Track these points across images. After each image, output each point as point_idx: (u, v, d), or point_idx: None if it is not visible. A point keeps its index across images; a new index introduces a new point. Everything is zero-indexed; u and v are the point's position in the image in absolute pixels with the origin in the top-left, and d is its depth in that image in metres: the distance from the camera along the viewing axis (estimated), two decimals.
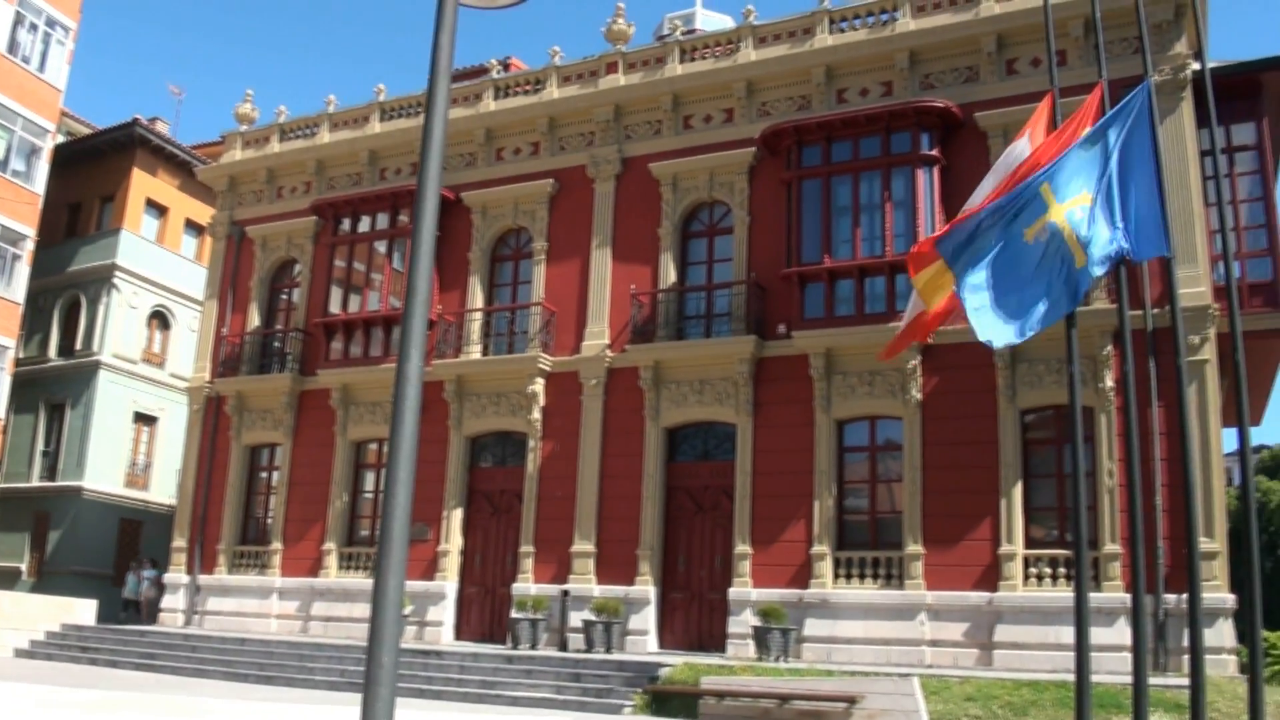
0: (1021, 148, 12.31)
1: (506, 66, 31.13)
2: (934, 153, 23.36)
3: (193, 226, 41.18)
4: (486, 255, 28.16)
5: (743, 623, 22.82)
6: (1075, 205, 10.47)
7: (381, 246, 29.21)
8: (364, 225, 29.49)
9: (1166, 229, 10.64)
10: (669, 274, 25.75)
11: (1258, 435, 54.93)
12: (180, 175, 40.18)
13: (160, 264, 39.82)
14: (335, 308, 29.24)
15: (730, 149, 25.64)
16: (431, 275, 6.21)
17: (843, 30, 25.42)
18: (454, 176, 28.61)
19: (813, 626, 22.41)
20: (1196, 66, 21.49)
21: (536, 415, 26.03)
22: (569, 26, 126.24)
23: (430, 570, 26.41)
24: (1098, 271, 10.46)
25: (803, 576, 22.95)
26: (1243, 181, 22.72)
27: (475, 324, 27.44)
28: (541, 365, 25.93)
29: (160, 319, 39.99)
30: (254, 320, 31.19)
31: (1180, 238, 20.45)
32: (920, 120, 23.42)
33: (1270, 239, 22.28)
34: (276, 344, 30.73)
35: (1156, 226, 10.60)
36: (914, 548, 22.16)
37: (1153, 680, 15.57)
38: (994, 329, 10.22)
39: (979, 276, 10.25)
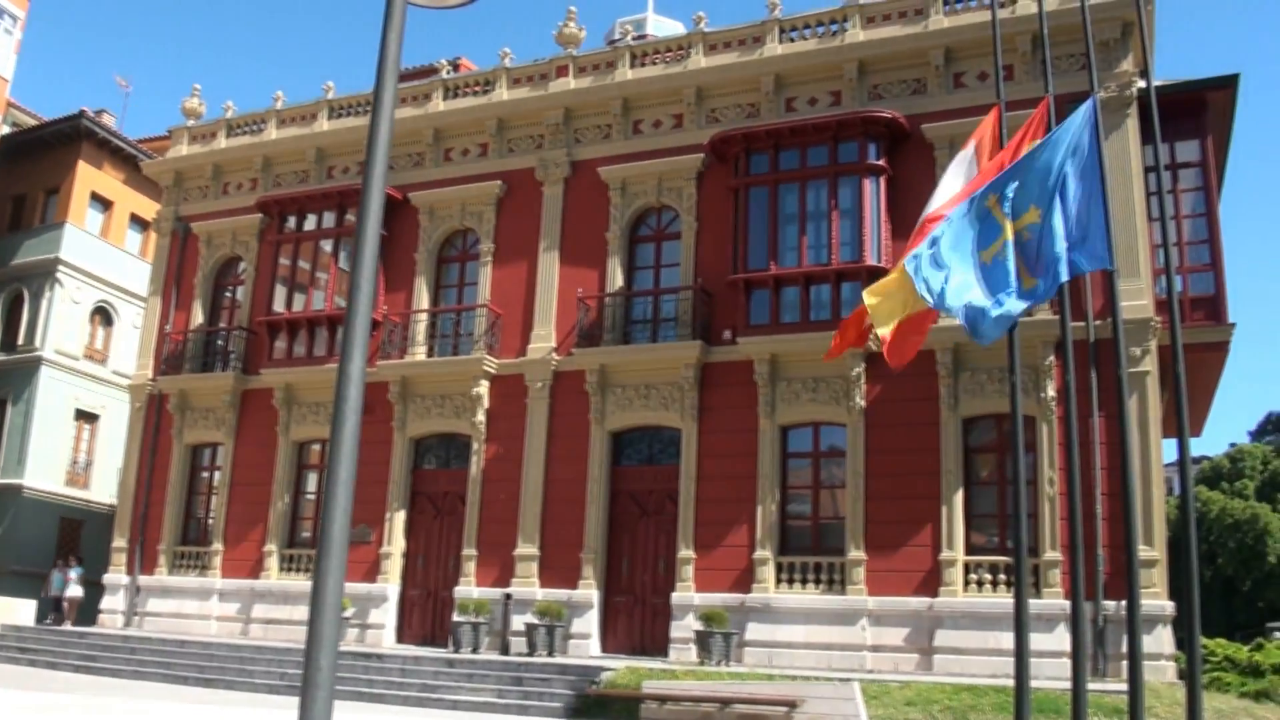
0: (968, 160, 12.50)
1: (456, 67, 31.07)
2: (881, 163, 23.60)
3: (138, 221, 40.64)
4: (433, 256, 28.08)
5: (685, 627, 22.90)
6: (1025, 225, 10.65)
7: (327, 245, 28.99)
8: (310, 223, 29.26)
9: (1110, 243, 10.84)
10: (616, 278, 25.80)
11: (1198, 446, 55.59)
12: (126, 169, 39.61)
13: (104, 259, 39.25)
14: (280, 306, 28.94)
15: (679, 155, 25.73)
16: (376, 275, 6.21)
17: (793, 40, 25.62)
18: (401, 176, 28.50)
19: (755, 631, 22.54)
20: (1142, 84, 21.88)
21: (481, 417, 25.98)
22: (520, 29, 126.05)
23: (372, 572, 26.28)
24: (1048, 292, 10.68)
25: (745, 581, 23.07)
26: (1186, 198, 23.18)
27: (421, 325, 27.32)
28: (487, 367, 25.87)
29: (103, 315, 39.44)
30: (198, 318, 30.86)
31: (1123, 252, 20.82)
32: (868, 130, 23.64)
33: (1212, 254, 22.74)
34: (220, 342, 30.40)
35: (1100, 240, 10.80)
36: (856, 553, 22.35)
37: (1092, 686, 15.82)
38: (980, 331, 10.48)
39: (956, 294, 10.46)
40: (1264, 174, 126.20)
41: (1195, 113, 23.11)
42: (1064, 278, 10.57)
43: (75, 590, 30.38)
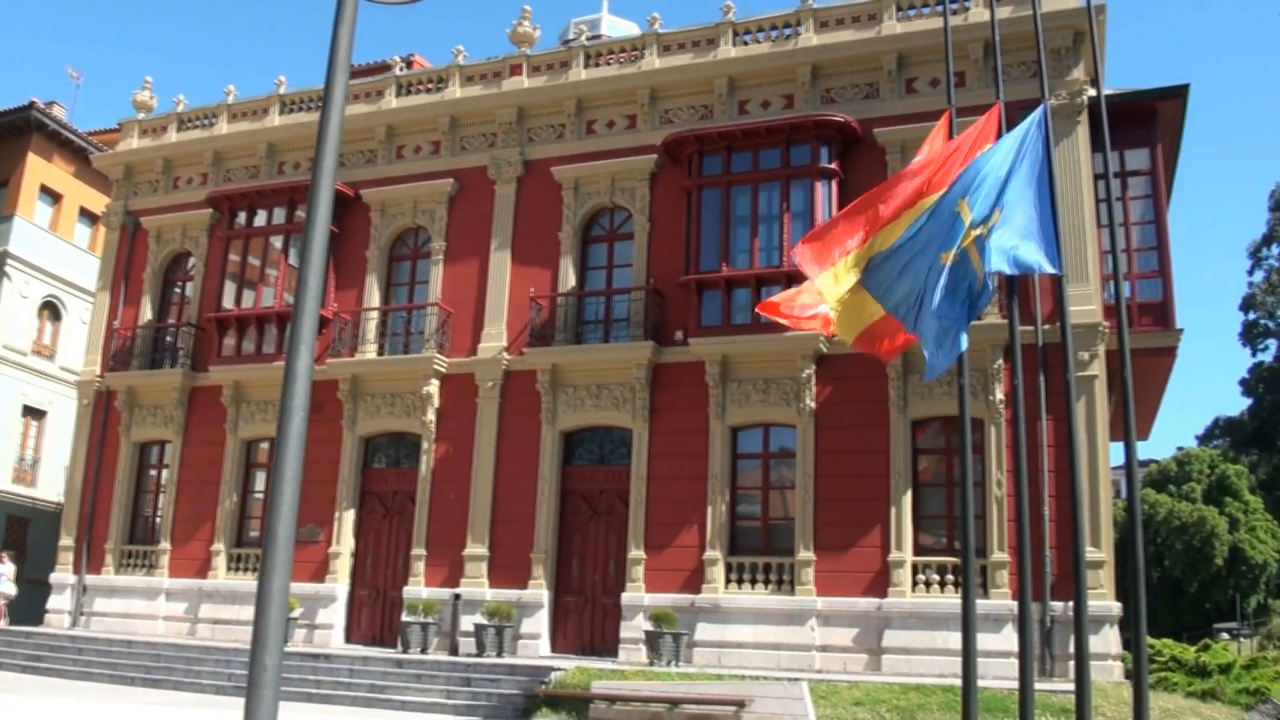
0: (916, 168, 12.57)
1: (409, 64, 30.86)
2: (832, 166, 23.71)
3: (87, 215, 40.09)
4: (384, 254, 27.92)
5: (635, 627, 22.91)
6: (984, 229, 10.76)
7: (278, 241, 28.73)
8: (260, 219, 29.00)
9: (1058, 248, 10.95)
10: (568, 278, 25.76)
11: (1145, 450, 56.32)
12: (76, 162, 39.04)
13: (53, 253, 38.63)
14: (229, 303, 28.63)
15: (632, 155, 25.73)
16: (324, 271, 6.16)
17: (746, 42, 25.71)
18: (353, 173, 28.34)
19: (704, 631, 22.58)
20: (1093, 92, 22.10)
21: (431, 417, 25.87)
22: (474, 27, 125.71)
23: (321, 572, 26.10)
24: (995, 271, 10.81)
25: (695, 581, 23.11)
26: (1136, 205, 23.40)
27: (371, 323, 27.15)
28: (437, 366, 25.76)
29: (51, 309, 38.87)
30: (146, 314, 30.50)
31: (1072, 257, 21.04)
32: (820, 134, 23.73)
33: (1161, 261, 22.97)
34: (169, 338, 30.09)
35: (1049, 245, 10.91)
36: (805, 554, 22.44)
37: (1039, 685, 15.94)
38: (937, 355, 10.55)
39: (920, 309, 10.54)
40: (1212, 183, 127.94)
41: (1145, 121, 23.33)
42: (1010, 271, 10.71)
43: (8, 588, 29.99)
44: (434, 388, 25.88)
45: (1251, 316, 60.24)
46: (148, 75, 32.56)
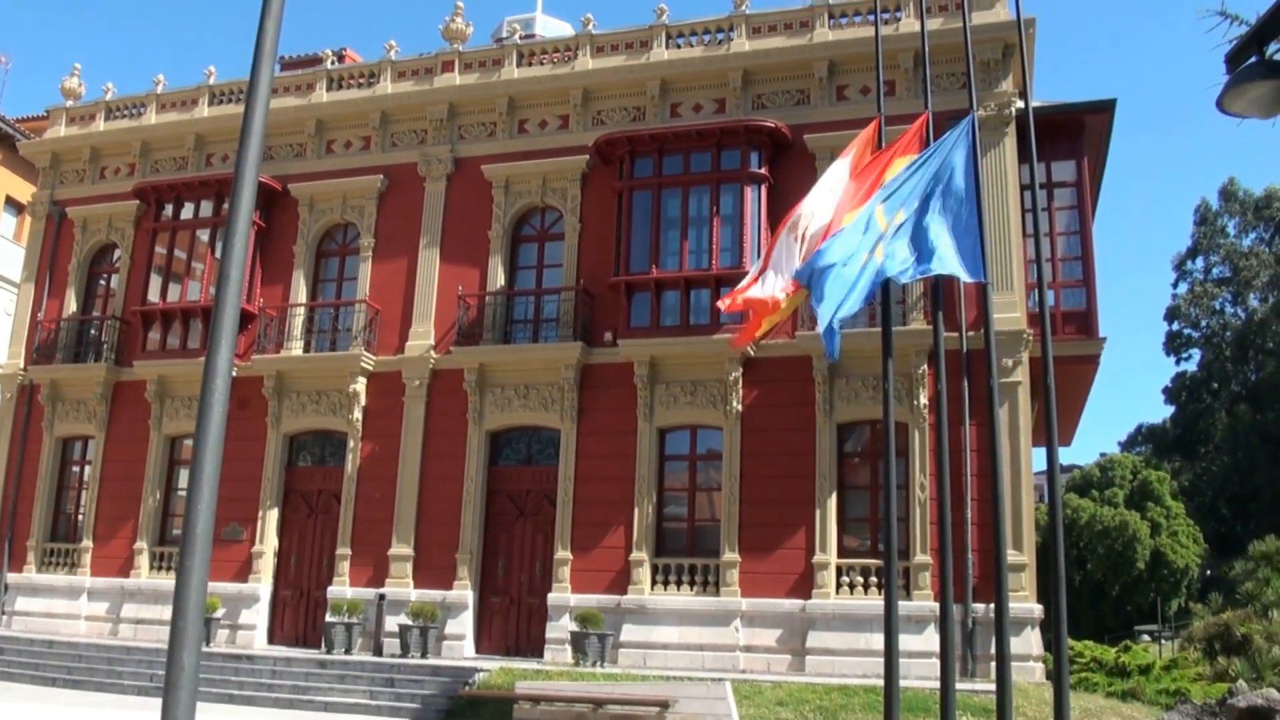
0: (841, 171, 12.70)
1: (341, 58, 30.57)
2: (762, 171, 23.84)
3: (13, 204, 39.24)
4: (312, 249, 27.63)
5: (561, 628, 22.89)
6: (894, 224, 10.90)
7: (204, 235, 28.30)
8: (187, 212, 28.55)
9: (984, 256, 11.09)
10: (498, 277, 25.66)
11: (1069, 455, 57.18)
12: (2, 149, 38.32)
13: None
14: (154, 296, 28.15)
15: (564, 155, 25.69)
16: (245, 265, 6.11)
17: (679, 46, 25.77)
18: (282, 167, 28.05)
19: (630, 632, 22.61)
20: (1021, 104, 22.36)
21: (357, 415, 25.66)
22: (406, 22, 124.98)
23: (243, 572, 25.76)
24: (907, 278, 10.97)
25: (621, 582, 23.13)
26: (1061, 216, 23.73)
27: (298, 319, 26.84)
28: (364, 364, 25.57)
29: None
30: (71, 306, 29.93)
31: (997, 266, 21.40)
32: (751, 139, 23.86)
33: (1085, 271, 23.31)
34: (93, 332, 29.55)
35: (974, 253, 11.05)
36: (730, 555, 22.54)
37: (960, 686, 16.16)
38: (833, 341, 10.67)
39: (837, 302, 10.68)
40: (1137, 196, 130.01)
41: (1073, 134, 23.67)
42: (933, 271, 10.87)
43: None
44: (360, 386, 25.68)
45: (1175, 327, 61.38)
46: (77, 62, 32.00)
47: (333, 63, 29.27)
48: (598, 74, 25.88)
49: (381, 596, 23.93)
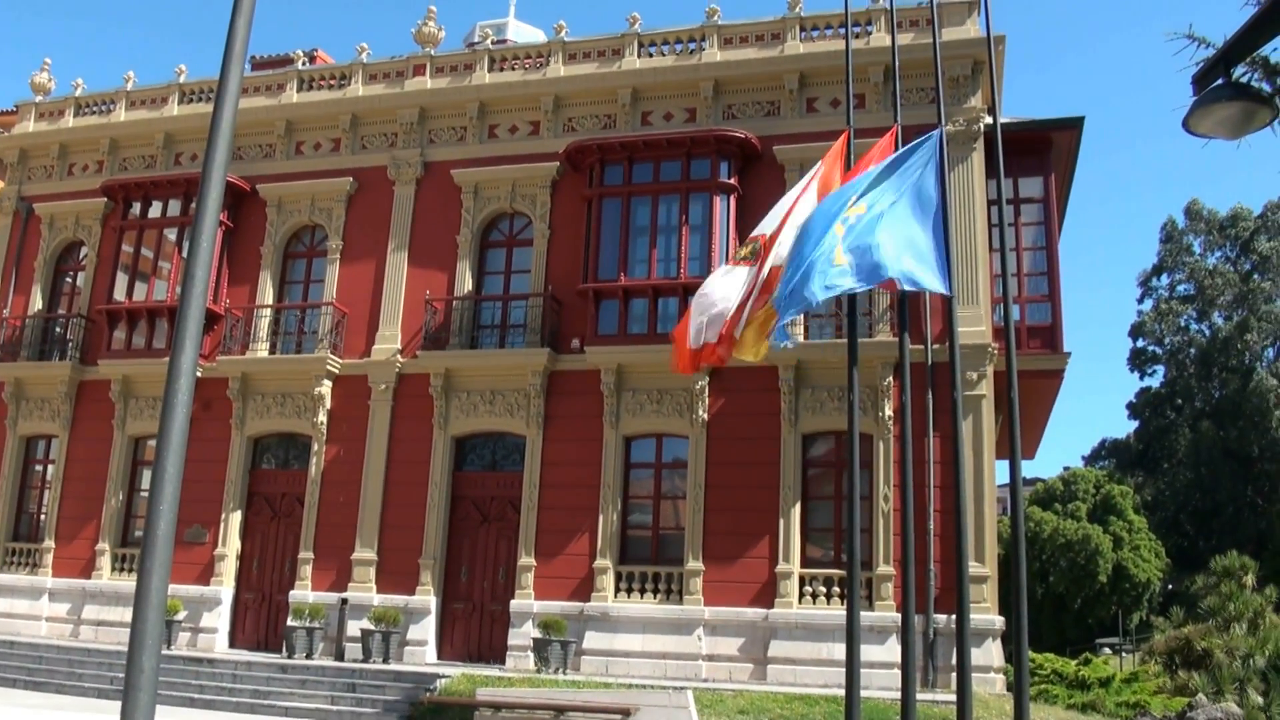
0: (814, 185, 12.77)
1: (312, 59, 30.45)
2: (732, 181, 23.92)
3: None
4: (279, 251, 27.50)
5: (524, 635, 22.84)
6: (852, 213, 10.94)
7: (172, 234, 28.10)
8: (155, 210, 28.34)
9: (950, 269, 11.17)
10: (466, 282, 25.63)
11: (1032, 469, 57.51)
12: None
13: None
14: (120, 295, 27.89)
15: (534, 162, 25.71)
16: (212, 265, 6.08)
17: (651, 55, 25.85)
18: (251, 167, 27.93)
19: (593, 639, 22.59)
20: (989, 121, 22.52)
21: (322, 418, 25.54)
22: (378, 24, 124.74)
23: (205, 575, 25.57)
24: (872, 285, 11.02)
25: (585, 590, 23.12)
26: (1028, 231, 23.91)
27: (264, 321, 26.69)
28: (330, 367, 25.46)
29: None
30: (37, 303, 29.64)
31: (964, 280, 21.58)
32: (720, 149, 23.93)
33: (1050, 286, 23.49)
34: (58, 330, 29.26)
35: (941, 267, 11.12)
36: (694, 564, 22.57)
37: (921, 696, 16.22)
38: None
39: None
40: (1103, 213, 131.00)
41: (1040, 151, 23.88)
42: (886, 276, 10.93)
43: None
44: (326, 389, 25.58)
45: (1140, 343, 61.82)
46: (47, 57, 31.71)
47: (304, 63, 29.15)
48: (569, 81, 25.91)
49: (344, 601, 23.80)
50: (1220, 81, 7.33)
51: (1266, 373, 55.14)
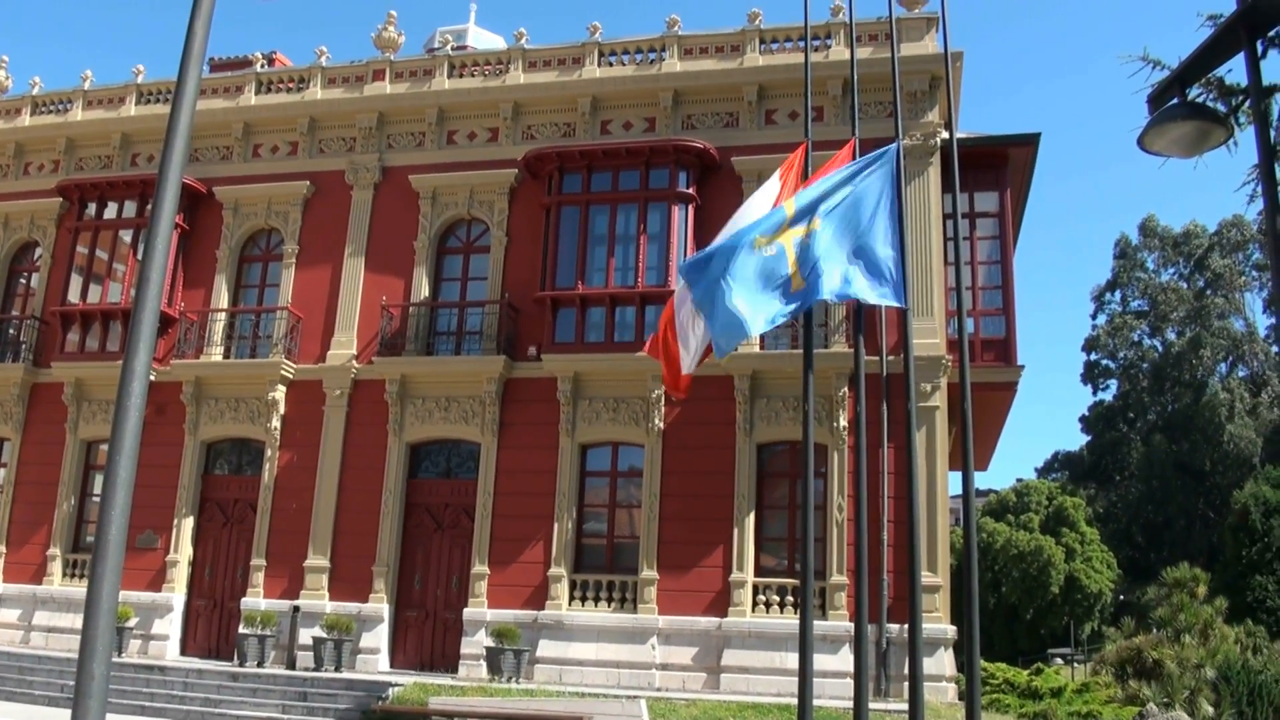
0: (770, 192, 12.80)
1: (271, 61, 30.27)
2: (690, 191, 24.00)
3: None
4: (235, 254, 27.31)
5: (477, 643, 22.78)
6: (805, 232, 10.97)
7: (127, 235, 27.82)
8: (110, 212, 28.06)
9: (905, 282, 11.23)
10: (422, 288, 25.56)
11: (986, 480, 57.83)
12: None
13: None
14: (75, 297, 27.60)
15: (492, 168, 25.70)
16: (167, 267, 6.05)
17: (611, 64, 25.89)
18: (207, 169, 27.73)
19: (546, 648, 22.55)
20: (946, 135, 22.69)
21: (276, 423, 25.37)
22: (338, 28, 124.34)
23: (157, 581, 25.29)
24: (826, 296, 11.04)
25: (539, 598, 23.09)
26: (983, 245, 24.12)
27: (219, 325, 26.51)
28: (284, 372, 25.30)
29: None
30: None
31: (919, 292, 21.78)
32: (679, 159, 24.03)
33: (1005, 300, 23.70)
34: (11, 331, 28.91)
35: (896, 279, 11.18)
36: (649, 573, 22.59)
37: (874, 705, 16.30)
38: (726, 333, 10.71)
39: (714, 287, 10.73)
40: (1058, 229, 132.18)
41: (996, 166, 24.12)
42: (842, 294, 10.98)
43: None
44: (280, 394, 25.41)
45: (1093, 357, 62.52)
46: (3, 55, 31.31)
47: (262, 66, 29.00)
48: (529, 88, 25.91)
49: (296, 608, 23.65)
50: (1175, 101, 7.43)
51: (1219, 387, 55.82)
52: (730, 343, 10.95)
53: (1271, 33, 7.52)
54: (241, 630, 23.31)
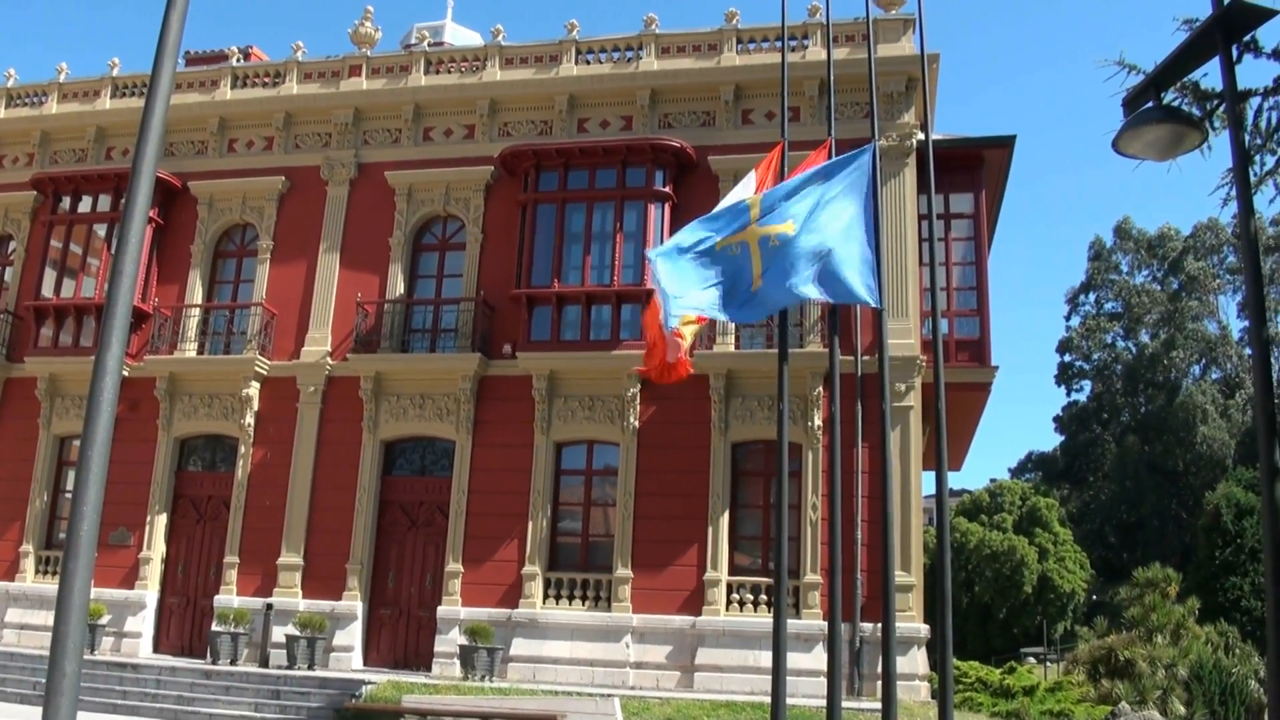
0: (746, 190, 12.82)
1: (247, 55, 30.12)
2: (666, 190, 24.02)
3: None
4: (210, 249, 27.16)
5: (451, 641, 22.72)
6: (775, 232, 10.96)
7: (102, 230, 27.60)
8: (85, 205, 27.83)
9: (880, 282, 11.26)
10: (397, 285, 25.49)
11: (959, 480, 58.20)
12: None
13: None
14: (49, 291, 27.33)
15: (469, 165, 25.65)
16: (141, 262, 6.02)
17: (588, 62, 25.89)
18: (182, 164, 27.56)
19: (520, 646, 22.53)
20: (922, 136, 22.77)
21: (250, 420, 25.24)
22: (315, 23, 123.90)
23: (130, 578, 25.12)
24: (799, 297, 11.05)
25: (513, 596, 23.06)
26: (958, 247, 24.24)
27: (193, 320, 26.32)
28: (258, 368, 25.17)
29: None
30: None
31: (894, 293, 21.85)
32: (656, 157, 24.04)
33: (979, 301, 23.82)
34: None
35: (870, 278, 11.20)
36: (623, 571, 22.60)
37: (847, 704, 16.36)
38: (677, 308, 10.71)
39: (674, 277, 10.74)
40: (1033, 231, 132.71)
41: (972, 168, 24.23)
42: (812, 297, 11.00)
43: None
44: (254, 390, 25.29)
45: (1067, 358, 62.79)
46: None
47: (238, 60, 28.88)
48: (506, 85, 25.87)
49: (269, 606, 23.53)
50: (1150, 104, 7.46)
51: (1193, 389, 56.15)
52: (676, 308, 10.93)
53: (1247, 37, 7.56)
54: (214, 628, 23.16)
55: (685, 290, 10.75)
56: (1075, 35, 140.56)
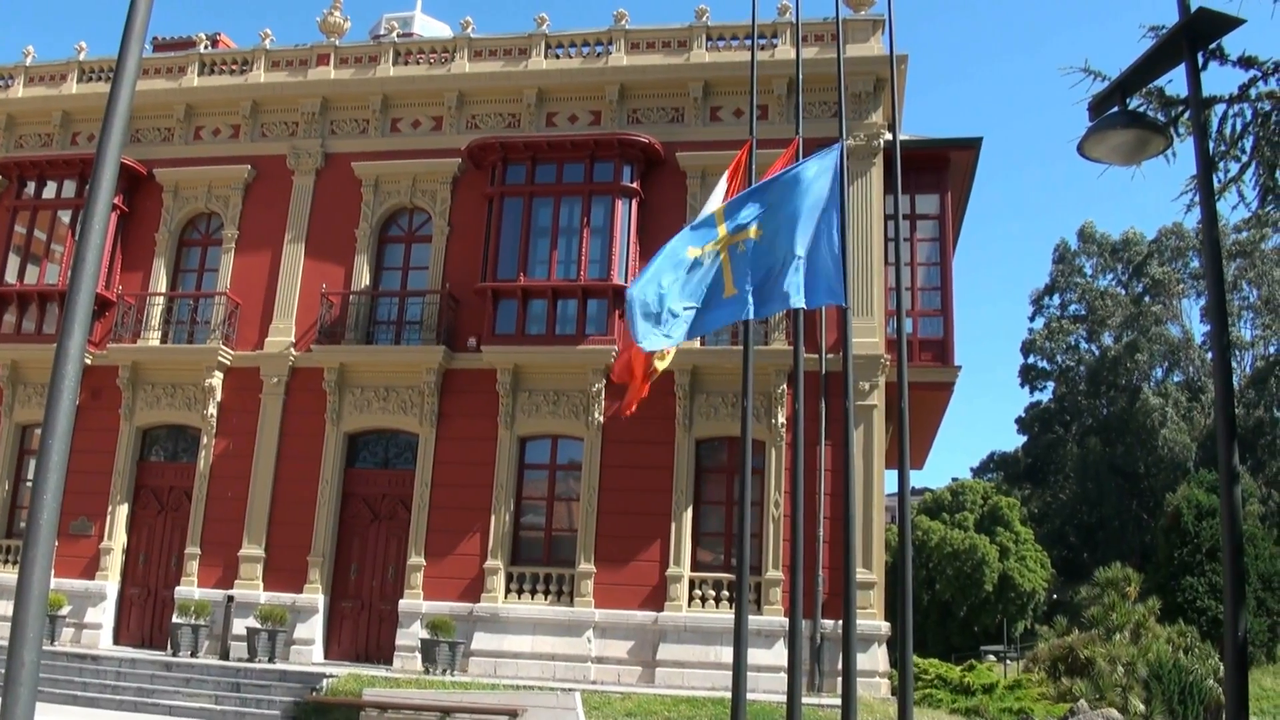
0: (719, 196, 12.86)
1: (215, 42, 29.88)
2: (634, 185, 24.04)
3: None
4: (174, 237, 26.94)
5: (412, 635, 22.67)
6: (740, 239, 10.96)
7: (66, 216, 27.35)
8: (49, 191, 27.56)
9: (845, 281, 11.29)
10: (363, 276, 25.40)
11: (921, 479, 58.33)
12: None
13: None
14: (11, 277, 27.01)
15: (436, 157, 25.58)
16: (105, 249, 5.98)
17: (558, 56, 25.88)
18: (148, 150, 27.32)
19: (482, 640, 22.50)
20: (889, 137, 22.88)
21: (213, 410, 25.07)
22: (283, 11, 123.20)
23: (91, 569, 24.90)
24: (759, 311, 11.03)
25: (475, 590, 23.04)
26: (923, 247, 24.39)
27: (156, 309, 26.12)
28: (221, 358, 25.01)
29: None
30: None
31: (859, 292, 21.94)
32: (624, 153, 24.03)
33: (943, 301, 23.96)
34: None
35: (835, 277, 11.21)
36: (586, 566, 22.63)
37: (807, 700, 16.42)
38: (648, 333, 10.61)
39: (645, 289, 10.68)
40: (997, 232, 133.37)
41: (938, 169, 24.40)
42: (795, 305, 10.97)
43: None
44: (217, 380, 25.13)
45: (1031, 360, 63.13)
46: None
47: (206, 47, 28.63)
48: (474, 78, 25.81)
49: (230, 598, 23.38)
50: (1115, 109, 7.50)
51: (1153, 392, 56.57)
52: (653, 337, 10.87)
53: (1212, 45, 7.63)
54: (175, 620, 23.03)
55: (664, 326, 10.71)
56: (1041, 28, 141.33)
